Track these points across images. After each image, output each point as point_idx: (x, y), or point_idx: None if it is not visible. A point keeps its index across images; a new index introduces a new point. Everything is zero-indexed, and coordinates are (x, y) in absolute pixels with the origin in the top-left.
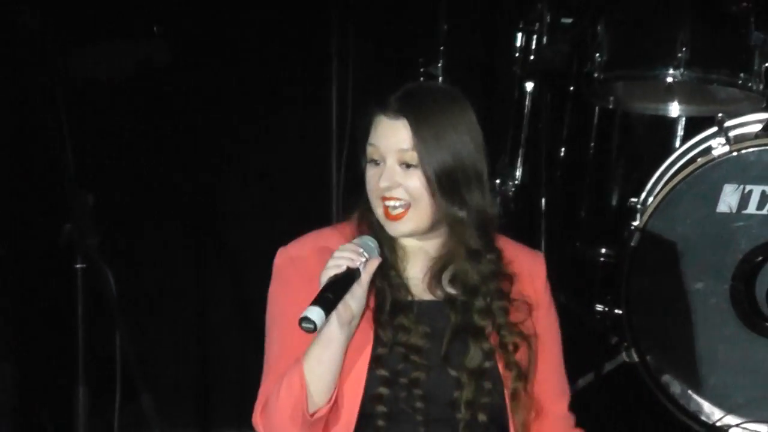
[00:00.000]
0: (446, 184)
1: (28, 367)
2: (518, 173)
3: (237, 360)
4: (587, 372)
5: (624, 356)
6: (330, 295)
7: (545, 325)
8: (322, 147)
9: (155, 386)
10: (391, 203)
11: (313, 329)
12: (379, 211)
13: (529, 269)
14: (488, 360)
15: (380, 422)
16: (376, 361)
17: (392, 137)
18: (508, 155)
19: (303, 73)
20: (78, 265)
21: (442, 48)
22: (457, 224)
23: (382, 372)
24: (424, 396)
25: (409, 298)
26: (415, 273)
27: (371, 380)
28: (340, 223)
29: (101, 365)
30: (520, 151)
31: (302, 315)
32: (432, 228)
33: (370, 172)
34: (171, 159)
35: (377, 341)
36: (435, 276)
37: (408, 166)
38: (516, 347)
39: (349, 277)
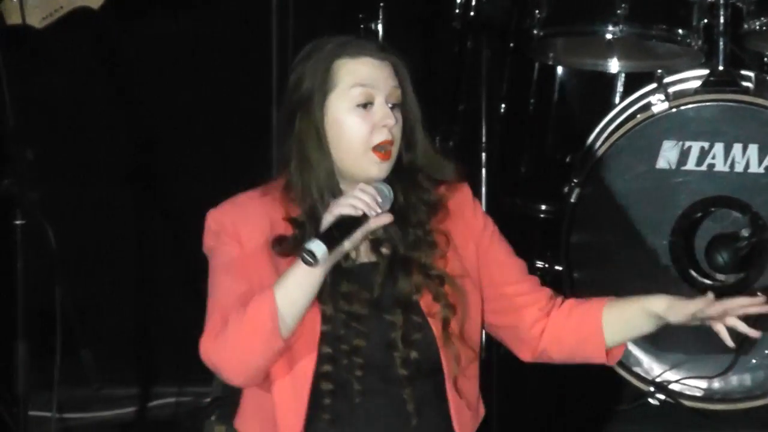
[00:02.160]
0: (413, 127)
1: None
2: (458, 129)
3: (178, 315)
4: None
5: None
6: (336, 234)
7: (486, 243)
8: (262, 99)
9: (95, 341)
10: (385, 137)
11: (313, 264)
12: (365, 158)
13: (457, 203)
14: (417, 292)
15: (326, 400)
16: (322, 339)
17: (383, 75)
18: (448, 111)
19: (243, 26)
20: (17, 221)
21: (381, 3)
22: (434, 153)
23: (327, 349)
24: (363, 364)
25: (350, 263)
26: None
27: (320, 358)
28: (268, 184)
29: (41, 320)
30: (460, 107)
31: (306, 246)
32: None
33: (357, 119)
34: (111, 111)
35: (323, 318)
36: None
37: (394, 106)
38: (442, 280)
39: (359, 221)
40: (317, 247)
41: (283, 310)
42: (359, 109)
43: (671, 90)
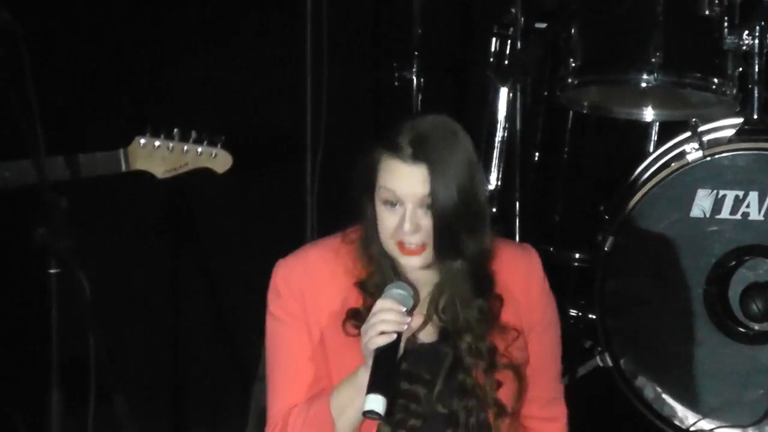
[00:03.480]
0: (447, 234)
1: (2, 371)
2: (493, 177)
3: (210, 363)
4: (561, 376)
5: (598, 360)
6: (384, 374)
7: (538, 344)
8: (296, 150)
9: (128, 389)
10: (409, 240)
11: (380, 418)
12: (391, 247)
13: (524, 277)
14: (473, 397)
15: None
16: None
17: (411, 183)
18: (483, 160)
19: (278, 73)
20: (52, 270)
21: (416, 52)
22: (452, 275)
23: (386, 428)
24: None
25: (412, 342)
26: (421, 300)
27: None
28: (334, 237)
29: (75, 369)
30: (495, 156)
31: (366, 409)
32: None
33: (386, 214)
34: None
35: None
36: (433, 304)
37: (426, 207)
38: (499, 384)
39: (396, 343)
40: (376, 403)
41: (338, 424)
42: (388, 206)
43: (705, 138)
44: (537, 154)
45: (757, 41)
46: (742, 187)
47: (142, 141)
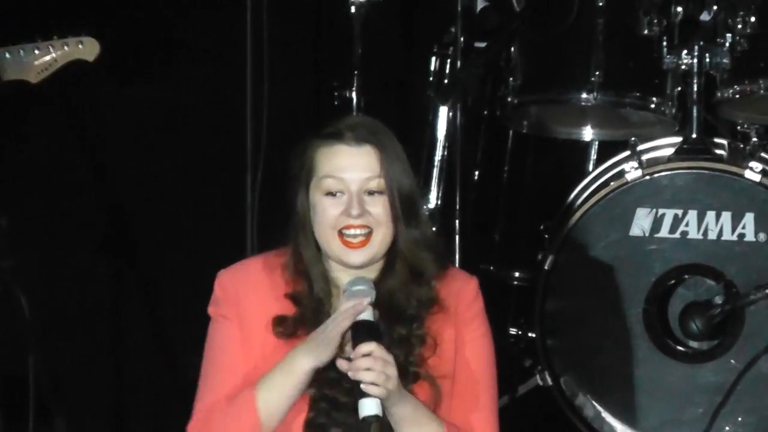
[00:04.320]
0: (408, 208)
1: None
2: (432, 196)
3: (152, 384)
4: (501, 395)
5: (538, 379)
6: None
7: (471, 359)
8: (236, 167)
9: (69, 409)
10: (352, 231)
11: (379, 419)
12: (334, 243)
13: (460, 293)
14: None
15: None
16: (308, 426)
17: (358, 166)
18: (423, 178)
19: (218, 94)
20: None
21: (356, 71)
22: (415, 247)
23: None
24: None
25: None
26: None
27: None
28: (272, 252)
29: (15, 388)
30: (435, 174)
31: (364, 415)
32: (381, 256)
33: (327, 204)
34: (83, 179)
35: (311, 401)
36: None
37: (372, 193)
38: (416, 377)
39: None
40: (371, 407)
41: (263, 413)
42: (329, 197)
43: (645, 158)
44: (477, 173)
45: (695, 61)
46: (681, 206)
47: (7, 52)
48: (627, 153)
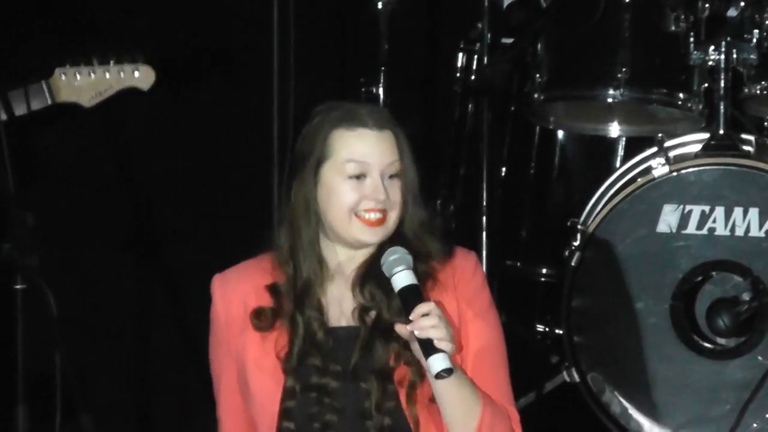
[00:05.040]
0: (416, 191)
1: None
2: (458, 193)
3: (177, 381)
4: (528, 392)
5: (565, 376)
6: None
7: (475, 340)
8: (262, 163)
9: (95, 406)
10: (372, 215)
11: (450, 372)
12: (352, 223)
13: (460, 270)
14: (394, 361)
15: None
16: (283, 415)
17: (380, 150)
18: (449, 175)
19: (244, 89)
20: (17, 286)
21: (383, 68)
22: (420, 229)
23: (290, 425)
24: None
25: (322, 333)
26: (337, 292)
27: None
28: (261, 255)
29: (41, 385)
30: (461, 171)
31: (436, 371)
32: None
33: (348, 188)
34: (111, 175)
35: (285, 392)
36: (359, 278)
37: (392, 177)
38: (414, 372)
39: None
40: (441, 362)
41: None
42: (352, 180)
43: (672, 154)
44: (504, 169)
45: (722, 57)
46: (708, 202)
47: (63, 72)
48: (654, 149)
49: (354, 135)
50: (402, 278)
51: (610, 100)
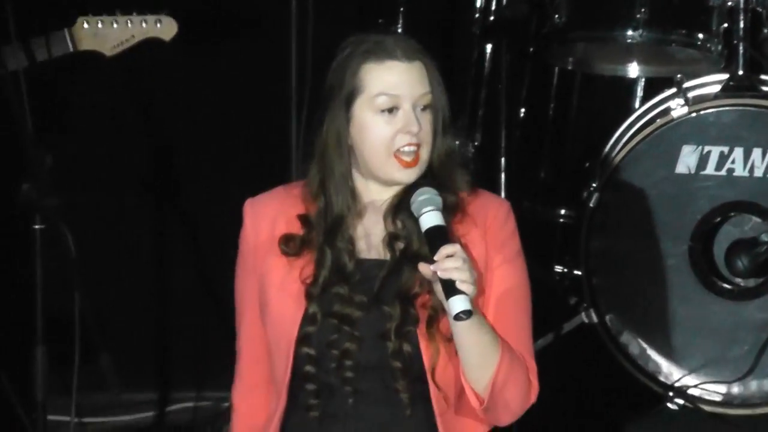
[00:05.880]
0: (447, 122)
1: None
2: (477, 134)
3: (196, 321)
4: (546, 333)
5: (583, 317)
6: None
7: (495, 264)
8: (281, 105)
9: (114, 347)
10: (407, 149)
11: (469, 315)
12: (390, 162)
13: (492, 215)
14: (419, 287)
15: (311, 400)
16: (302, 341)
17: (411, 82)
18: (468, 116)
19: (262, 32)
20: (36, 226)
21: (401, 9)
22: (447, 159)
23: (309, 351)
24: (355, 366)
25: (351, 263)
26: (367, 225)
27: (298, 359)
28: (292, 183)
29: (60, 325)
30: (480, 112)
31: (456, 312)
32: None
33: (381, 122)
34: (131, 117)
35: (305, 318)
36: (392, 207)
37: (424, 108)
38: (436, 310)
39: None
40: (461, 303)
41: None
42: (384, 114)
43: (691, 95)
44: (522, 110)
45: None
46: (727, 143)
47: (86, 21)
48: (673, 90)
49: (384, 68)
50: (430, 218)
51: (629, 40)
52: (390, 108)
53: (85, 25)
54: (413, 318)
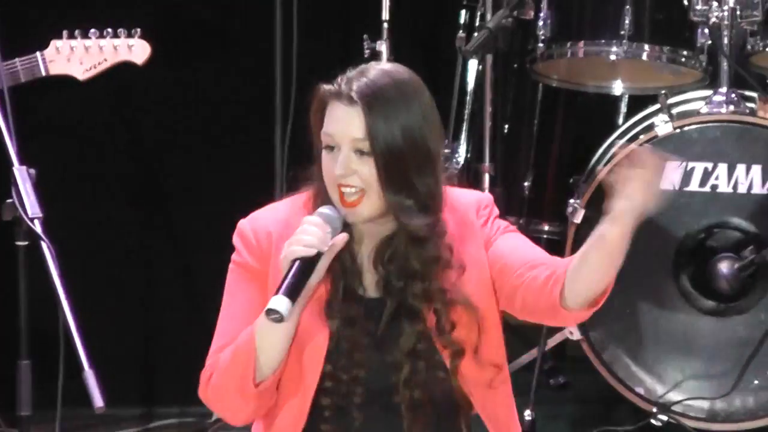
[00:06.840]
0: (395, 173)
1: None
2: (462, 150)
3: (182, 336)
4: (530, 349)
5: (567, 333)
6: (297, 281)
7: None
8: (265, 120)
9: (98, 361)
10: (347, 190)
11: (281, 319)
12: (335, 197)
13: (473, 205)
14: (421, 342)
15: (327, 413)
16: (328, 355)
17: (347, 125)
18: (452, 132)
19: (247, 48)
20: (20, 242)
21: (386, 24)
22: (403, 213)
23: (329, 367)
24: (363, 392)
25: (360, 291)
26: (368, 254)
27: (324, 373)
28: (294, 195)
29: (44, 340)
30: (464, 128)
31: (269, 307)
32: (387, 212)
33: (326, 158)
34: (115, 130)
35: (331, 335)
36: (378, 256)
37: (362, 153)
38: (453, 327)
39: (316, 257)
40: (280, 303)
41: (261, 356)
42: (328, 150)
43: (675, 111)
44: (507, 126)
45: (726, 13)
46: (711, 159)
47: (59, 44)
48: (657, 106)
49: (331, 106)
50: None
51: (613, 57)
52: (331, 146)
53: (58, 49)
54: (420, 370)
